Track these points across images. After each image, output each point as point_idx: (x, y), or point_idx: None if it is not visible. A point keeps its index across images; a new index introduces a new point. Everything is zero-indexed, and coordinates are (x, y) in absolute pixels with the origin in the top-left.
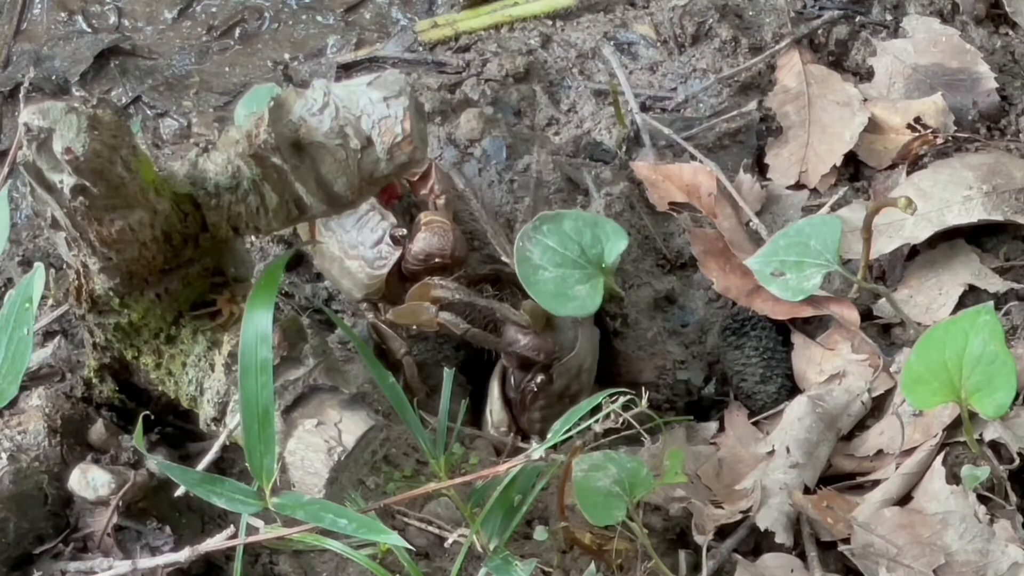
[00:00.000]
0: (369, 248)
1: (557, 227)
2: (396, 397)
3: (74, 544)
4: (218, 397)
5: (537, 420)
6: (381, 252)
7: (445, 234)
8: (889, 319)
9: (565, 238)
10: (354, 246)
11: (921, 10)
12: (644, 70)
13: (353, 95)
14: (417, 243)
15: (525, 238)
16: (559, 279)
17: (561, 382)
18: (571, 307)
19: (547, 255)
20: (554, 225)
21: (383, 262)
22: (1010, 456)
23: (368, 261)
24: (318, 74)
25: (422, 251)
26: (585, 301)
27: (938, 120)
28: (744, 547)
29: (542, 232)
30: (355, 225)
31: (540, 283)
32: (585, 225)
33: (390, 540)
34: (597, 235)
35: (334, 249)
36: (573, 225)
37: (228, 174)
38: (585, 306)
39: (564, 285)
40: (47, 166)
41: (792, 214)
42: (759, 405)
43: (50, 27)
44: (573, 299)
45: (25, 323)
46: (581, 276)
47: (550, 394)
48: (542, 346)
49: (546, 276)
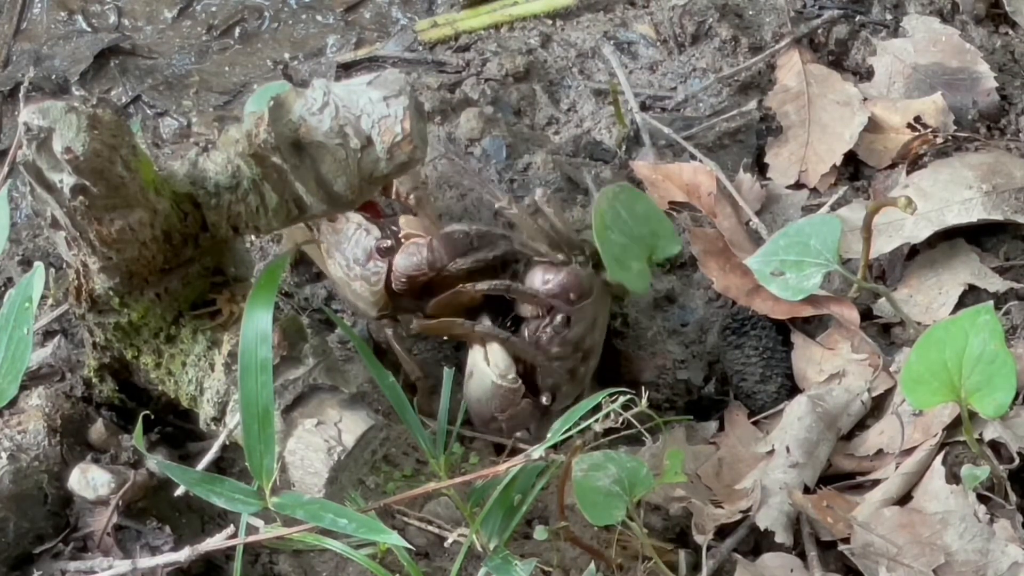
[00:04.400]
0: (364, 266)
1: (631, 205)
2: (396, 397)
3: (74, 544)
4: (218, 397)
5: (552, 372)
6: (373, 267)
7: (419, 252)
8: (889, 319)
9: (635, 216)
10: (352, 267)
11: (921, 10)
12: (644, 69)
13: (353, 95)
14: (397, 267)
15: (606, 198)
16: (624, 247)
17: (578, 329)
18: (626, 276)
19: (618, 223)
20: (629, 200)
21: (377, 276)
22: (1010, 456)
23: (366, 279)
24: (318, 74)
25: (403, 274)
26: (635, 277)
27: (938, 120)
28: (744, 547)
29: (620, 201)
30: (350, 248)
31: (610, 242)
32: (653, 215)
33: (390, 540)
34: (657, 229)
35: (340, 274)
36: (644, 211)
37: (228, 174)
38: (635, 281)
39: (626, 255)
40: (47, 165)
41: (792, 214)
42: (759, 405)
43: (50, 27)
44: (628, 270)
45: (25, 323)
46: (639, 254)
47: (566, 341)
48: (574, 283)
49: (614, 238)
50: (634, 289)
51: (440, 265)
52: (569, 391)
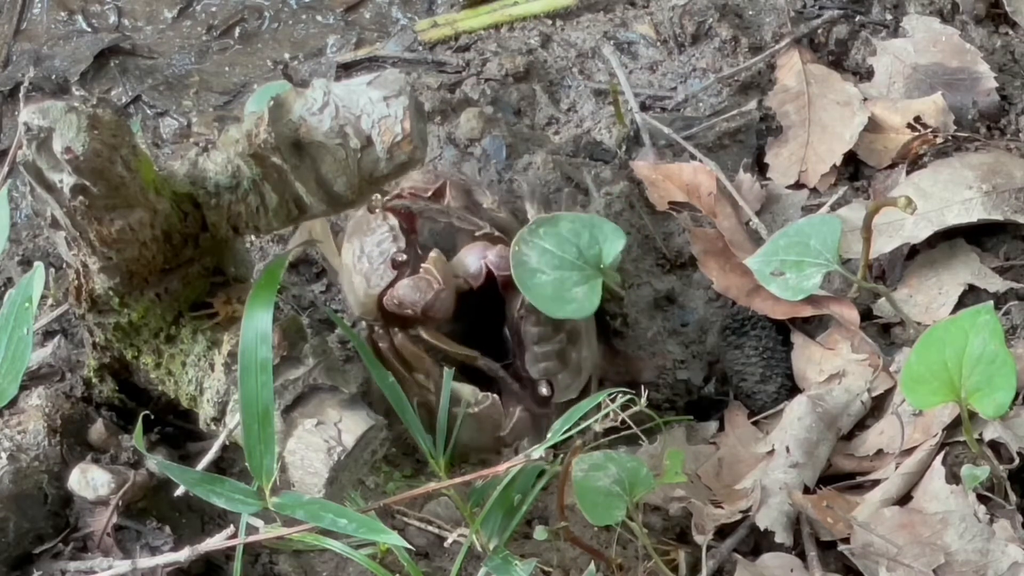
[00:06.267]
0: (373, 267)
1: (554, 229)
2: (396, 397)
3: (74, 544)
4: (218, 397)
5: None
6: (380, 273)
7: (426, 291)
8: (889, 319)
9: (562, 240)
10: (361, 259)
11: (921, 10)
12: (644, 70)
13: (353, 94)
14: (398, 287)
15: (522, 242)
16: (557, 282)
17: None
18: (569, 309)
19: (544, 258)
20: (551, 228)
21: (378, 282)
22: (1010, 456)
23: (367, 278)
24: (318, 74)
25: (398, 297)
26: (583, 303)
27: (938, 120)
28: (744, 547)
29: (538, 235)
30: (371, 242)
31: (537, 287)
32: (583, 226)
33: (390, 540)
34: (595, 236)
35: (348, 260)
36: (570, 227)
37: (228, 174)
38: (583, 308)
39: (562, 288)
40: (47, 165)
41: (792, 214)
42: (759, 405)
43: (50, 27)
44: (571, 301)
45: (25, 323)
46: (579, 278)
47: (541, 321)
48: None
49: (544, 279)
50: (582, 316)
51: (435, 315)
52: (567, 380)
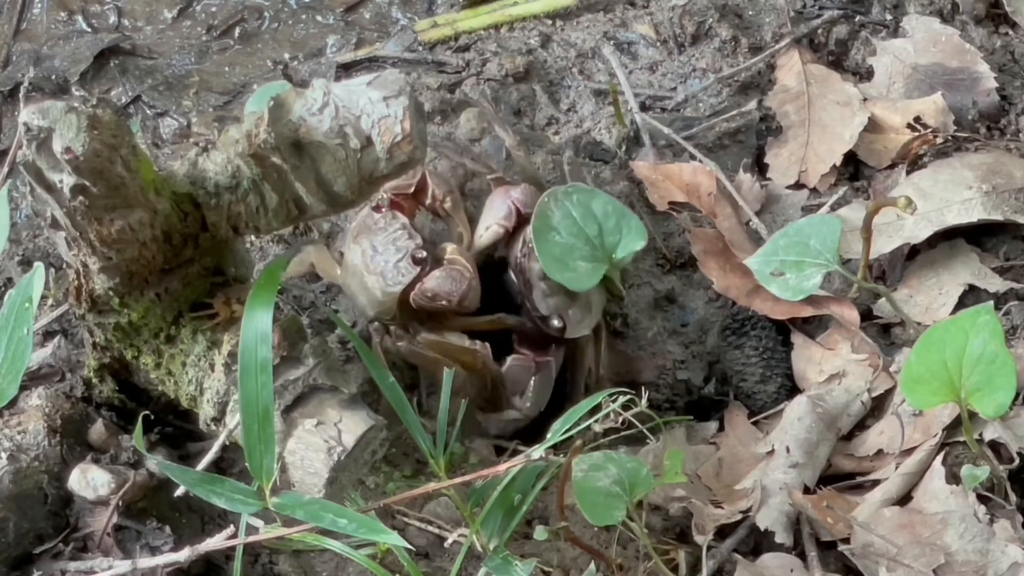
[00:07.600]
0: (390, 265)
1: (586, 200)
2: (396, 397)
3: (74, 544)
4: (218, 397)
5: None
6: (400, 270)
7: (459, 280)
8: (889, 319)
9: (589, 214)
10: (375, 259)
11: (921, 10)
12: (644, 70)
13: (353, 95)
14: (429, 280)
15: (552, 197)
16: (567, 247)
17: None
18: (566, 276)
19: (566, 221)
20: (584, 197)
21: (399, 280)
22: (1010, 456)
23: (385, 278)
24: (318, 74)
25: (431, 290)
26: (581, 278)
27: (938, 120)
28: (744, 547)
29: (571, 200)
30: (383, 241)
31: (550, 243)
32: (613, 211)
33: (390, 540)
34: (620, 225)
35: (357, 261)
36: (602, 206)
37: (228, 174)
38: (579, 281)
39: (569, 254)
40: (47, 166)
41: (792, 214)
42: (759, 405)
43: (50, 27)
44: (572, 270)
45: (25, 323)
46: (588, 254)
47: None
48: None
49: (556, 239)
50: (575, 287)
51: (468, 304)
52: (577, 315)
